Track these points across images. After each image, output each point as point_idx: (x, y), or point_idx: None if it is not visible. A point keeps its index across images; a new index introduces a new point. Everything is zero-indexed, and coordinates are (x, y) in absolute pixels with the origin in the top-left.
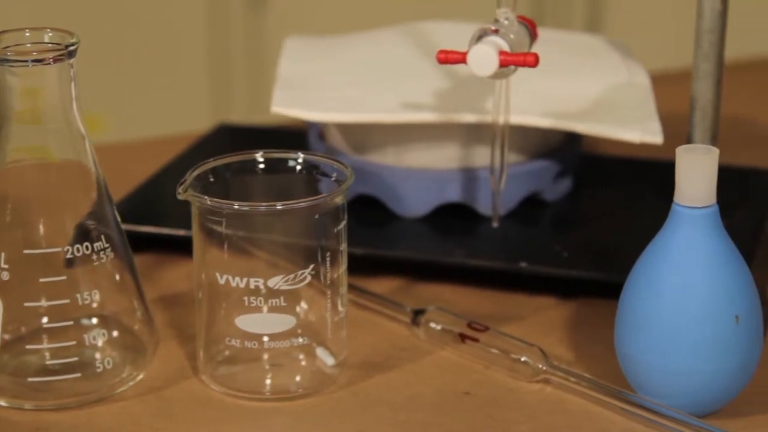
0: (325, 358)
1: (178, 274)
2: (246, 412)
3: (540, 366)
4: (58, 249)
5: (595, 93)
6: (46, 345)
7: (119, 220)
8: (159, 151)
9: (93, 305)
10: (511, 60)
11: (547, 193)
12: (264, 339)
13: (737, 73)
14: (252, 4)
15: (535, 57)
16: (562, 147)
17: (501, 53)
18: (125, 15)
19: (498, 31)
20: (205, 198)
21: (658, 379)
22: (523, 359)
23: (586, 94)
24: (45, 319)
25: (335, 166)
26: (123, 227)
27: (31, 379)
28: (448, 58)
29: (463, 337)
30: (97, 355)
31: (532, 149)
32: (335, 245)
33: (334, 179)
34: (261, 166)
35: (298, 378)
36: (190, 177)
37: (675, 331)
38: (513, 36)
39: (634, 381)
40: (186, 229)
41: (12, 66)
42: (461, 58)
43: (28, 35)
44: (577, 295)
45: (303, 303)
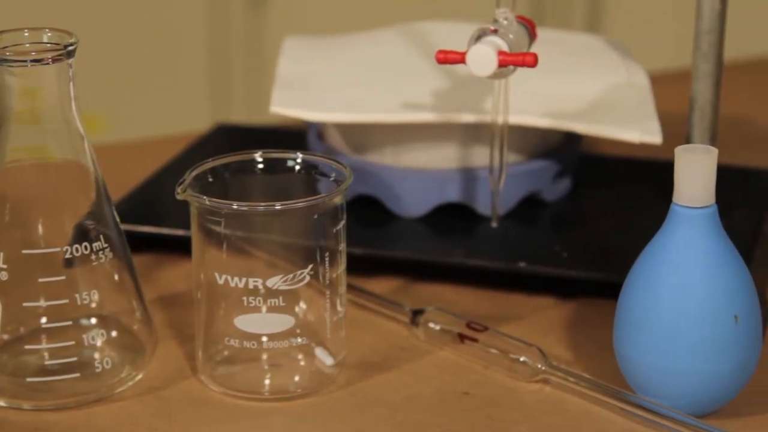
0: (324, 358)
1: (176, 274)
2: (245, 412)
3: (539, 366)
4: (56, 249)
5: (595, 93)
6: (44, 345)
7: (118, 220)
8: (158, 151)
9: (92, 305)
10: (510, 60)
11: (547, 193)
12: (263, 339)
13: (736, 73)
14: (252, 4)
15: (534, 57)
16: (561, 147)
17: (500, 53)
18: (124, 15)
19: (497, 31)
20: (204, 198)
21: (657, 380)
22: (522, 359)
23: (585, 94)
24: (44, 319)
25: (334, 166)
26: (122, 227)
27: (30, 379)
28: (447, 58)
29: (462, 337)
30: (96, 355)
31: (531, 149)
32: (334, 245)
33: (333, 179)
34: (260, 166)
35: (296, 378)
36: (188, 177)
37: (674, 332)
38: (512, 36)
39: (633, 381)
40: (185, 229)
41: (11, 66)
42: (460, 58)
43: (26, 35)
44: (576, 295)
45: (302, 303)
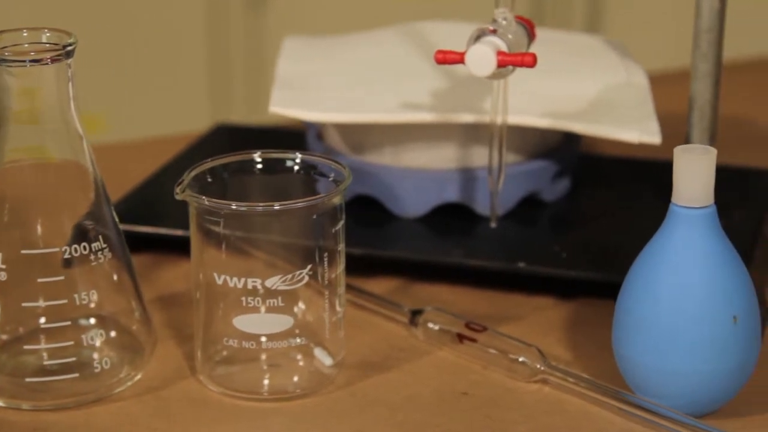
0: (323, 358)
1: (175, 274)
2: (244, 412)
3: (538, 366)
4: (55, 249)
5: (594, 93)
6: (43, 345)
7: (117, 220)
8: (157, 151)
9: (91, 305)
10: (509, 60)
11: (546, 194)
12: (262, 339)
13: (736, 73)
14: (252, 4)
15: (533, 57)
16: (560, 147)
17: (499, 53)
18: (124, 15)
19: (496, 32)
20: (203, 198)
21: (656, 380)
22: (521, 359)
23: (584, 94)
24: (43, 320)
25: (333, 166)
26: (121, 227)
27: (29, 380)
28: (446, 58)
29: (461, 338)
30: (95, 356)
31: (530, 149)
32: (333, 245)
33: (332, 179)
34: (259, 166)
35: (295, 378)
36: (187, 177)
37: (673, 332)
38: (511, 36)
39: (632, 382)
40: (184, 230)
41: (10, 66)
42: (459, 58)
43: (25, 35)
44: (576, 296)
45: (301, 303)
